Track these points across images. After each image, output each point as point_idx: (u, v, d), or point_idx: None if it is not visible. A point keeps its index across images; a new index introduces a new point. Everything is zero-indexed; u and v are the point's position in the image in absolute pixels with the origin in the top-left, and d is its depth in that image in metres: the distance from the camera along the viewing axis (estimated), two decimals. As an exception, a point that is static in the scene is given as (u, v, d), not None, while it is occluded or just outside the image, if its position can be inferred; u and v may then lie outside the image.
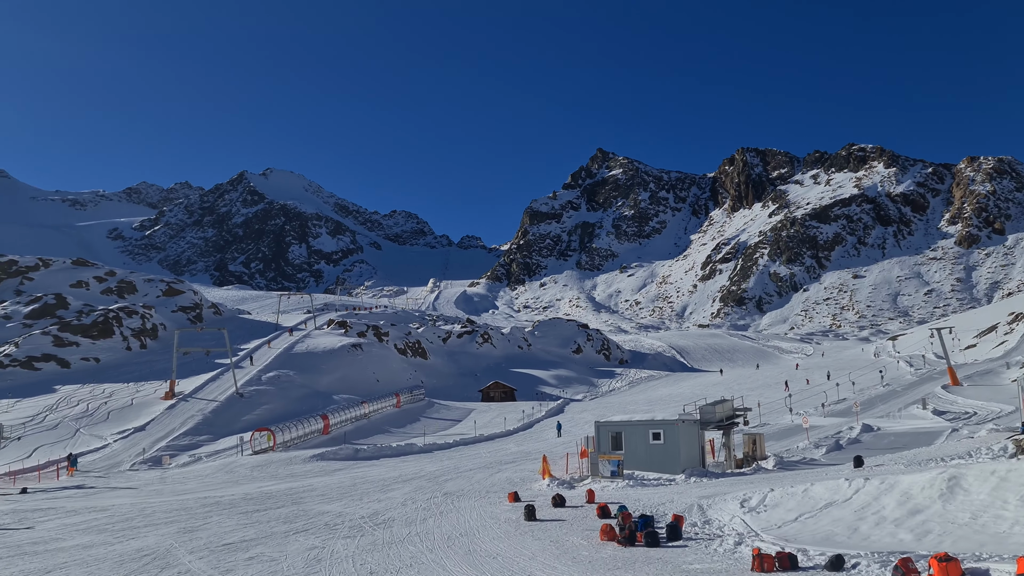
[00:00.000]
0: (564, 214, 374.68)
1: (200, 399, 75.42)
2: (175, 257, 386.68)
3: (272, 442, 59.43)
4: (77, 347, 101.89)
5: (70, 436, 65.75)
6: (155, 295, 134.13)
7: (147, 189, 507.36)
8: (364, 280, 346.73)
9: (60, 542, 24.22)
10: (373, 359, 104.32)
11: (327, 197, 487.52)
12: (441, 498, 29.27)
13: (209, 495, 35.63)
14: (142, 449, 60.36)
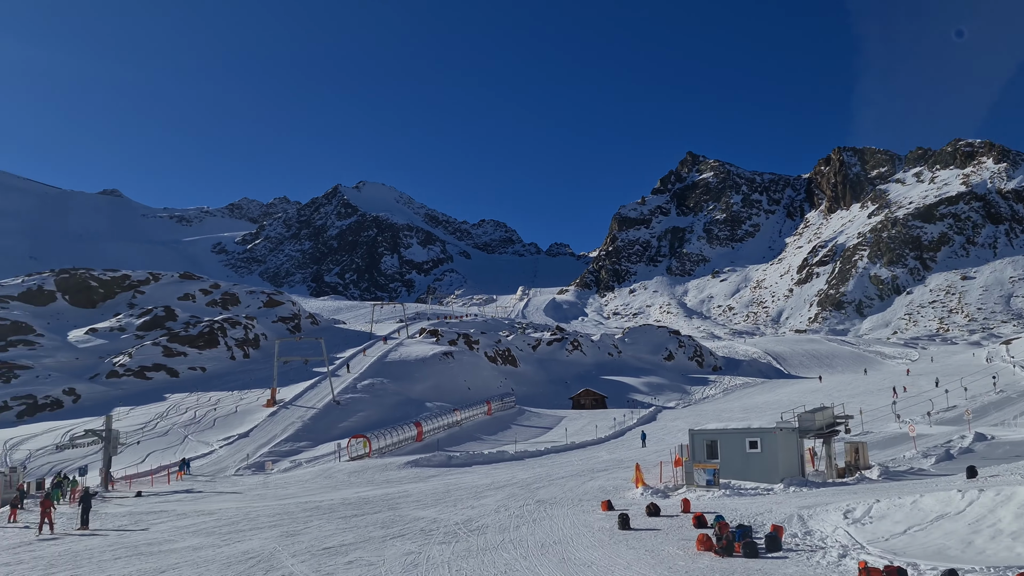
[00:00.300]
0: (653, 219, 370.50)
1: (300, 406, 77.78)
2: (274, 269, 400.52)
3: (368, 448, 60.77)
4: (185, 357, 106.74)
5: (180, 442, 68.84)
6: (256, 306, 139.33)
7: (248, 205, 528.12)
8: (454, 289, 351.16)
9: (172, 543, 25.38)
10: (464, 367, 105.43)
11: (417, 208, 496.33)
12: (534, 505, 29.30)
13: (309, 500, 36.66)
14: (246, 455, 62.64)
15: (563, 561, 18.47)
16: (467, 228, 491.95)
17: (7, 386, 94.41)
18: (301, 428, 70.50)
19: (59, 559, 23.69)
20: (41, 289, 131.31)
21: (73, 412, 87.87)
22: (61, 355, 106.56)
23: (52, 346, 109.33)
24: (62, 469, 58.30)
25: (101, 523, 32.44)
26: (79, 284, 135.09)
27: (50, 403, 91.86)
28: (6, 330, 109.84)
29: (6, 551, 26.51)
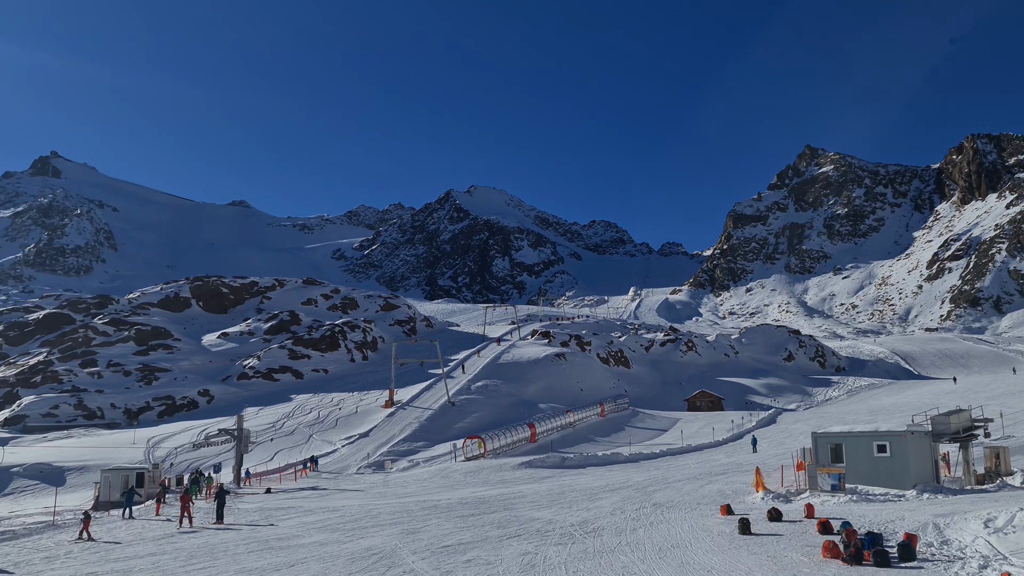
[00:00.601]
0: (770, 216, 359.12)
1: (416, 407, 79.66)
2: (390, 274, 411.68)
3: (483, 449, 61.56)
4: (309, 359, 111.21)
5: (305, 441, 71.76)
6: (374, 310, 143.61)
7: (365, 212, 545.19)
8: (565, 290, 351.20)
9: (299, 539, 26.49)
10: (576, 368, 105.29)
11: (528, 210, 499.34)
12: (650, 508, 28.96)
13: (428, 499, 37.48)
14: (366, 454, 64.67)
15: (682, 565, 18.17)
16: (577, 229, 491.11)
17: (149, 388, 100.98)
18: (418, 428, 72.16)
19: (198, 551, 25.14)
20: (178, 296, 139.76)
21: (207, 412, 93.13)
22: (196, 358, 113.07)
23: (188, 350, 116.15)
24: (199, 466, 61.84)
25: (235, 518, 34.20)
26: (212, 291, 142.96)
27: (187, 404, 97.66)
28: (148, 335, 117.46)
29: (151, 542, 28.36)
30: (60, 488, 57.98)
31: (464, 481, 46.69)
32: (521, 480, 45.34)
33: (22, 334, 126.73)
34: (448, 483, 46.40)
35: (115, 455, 66.89)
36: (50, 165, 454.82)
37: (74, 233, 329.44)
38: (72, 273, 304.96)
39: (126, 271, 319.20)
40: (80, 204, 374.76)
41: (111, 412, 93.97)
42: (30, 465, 64.72)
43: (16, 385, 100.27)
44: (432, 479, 49.18)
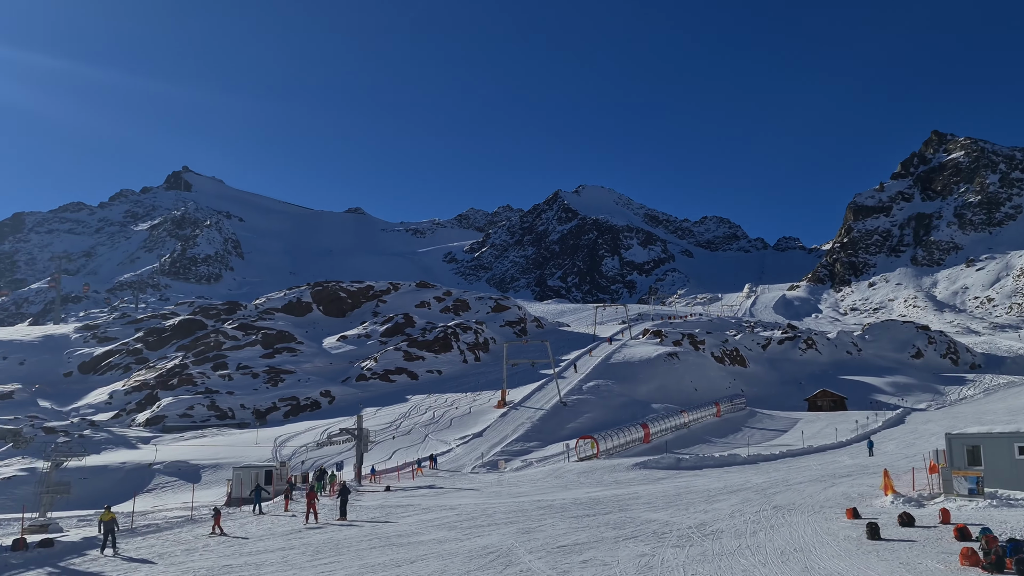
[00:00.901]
0: (894, 206, 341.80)
1: (528, 408, 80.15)
2: (500, 275, 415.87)
3: (596, 449, 61.33)
4: (423, 361, 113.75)
5: (421, 441, 73.44)
6: (485, 312, 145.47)
7: (474, 214, 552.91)
8: (677, 288, 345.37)
9: (419, 536, 27.15)
10: (690, 368, 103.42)
11: (637, 209, 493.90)
12: (771, 511, 28.13)
13: (542, 499, 37.66)
14: (480, 453, 65.58)
15: (806, 570, 17.58)
16: (688, 226, 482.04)
17: (275, 389, 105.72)
18: (531, 429, 72.58)
19: (323, 546, 26.17)
20: (300, 301, 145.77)
21: (329, 412, 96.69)
22: (318, 360, 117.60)
23: (310, 352, 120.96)
24: (322, 464, 64.29)
25: (357, 515, 35.38)
26: (331, 295, 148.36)
27: (310, 404, 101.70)
28: (273, 339, 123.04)
29: (280, 537, 29.72)
30: (196, 484, 61.54)
31: (578, 481, 46.65)
32: (635, 481, 44.92)
33: (160, 339, 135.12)
34: (562, 483, 46.47)
35: (245, 453, 70.42)
36: (182, 180, 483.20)
37: (204, 243, 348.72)
38: (203, 281, 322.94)
39: (252, 278, 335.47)
40: (209, 216, 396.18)
41: (241, 412, 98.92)
42: (169, 463, 68.95)
43: (156, 387, 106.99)
44: (545, 479, 49.37)
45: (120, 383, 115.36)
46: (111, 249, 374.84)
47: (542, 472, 53.85)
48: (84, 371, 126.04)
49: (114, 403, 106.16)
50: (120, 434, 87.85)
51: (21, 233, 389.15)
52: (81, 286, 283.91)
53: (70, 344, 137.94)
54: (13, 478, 64.73)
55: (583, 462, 57.12)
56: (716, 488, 37.91)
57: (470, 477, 55.75)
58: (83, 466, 61.05)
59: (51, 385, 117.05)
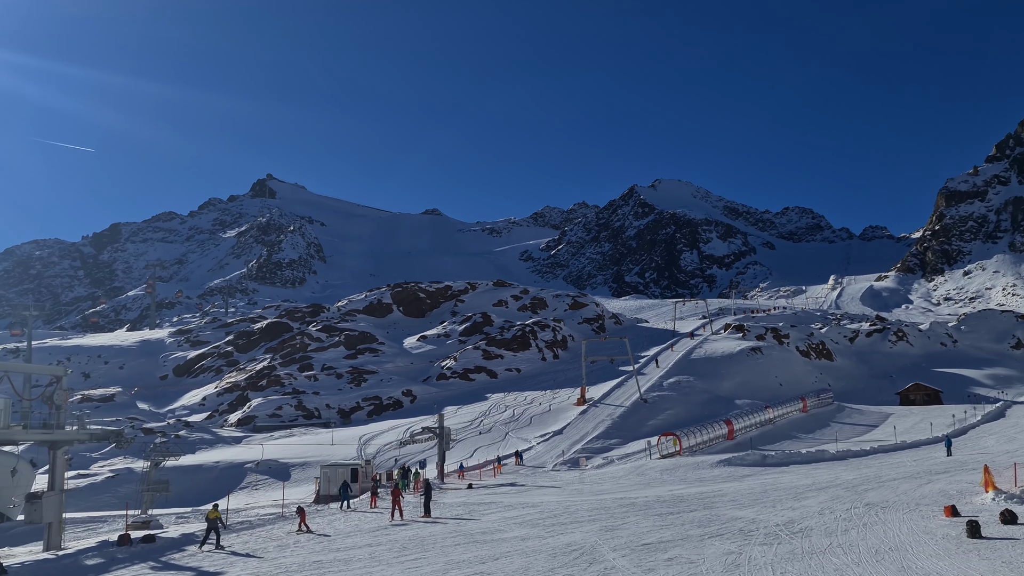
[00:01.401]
0: (989, 191, 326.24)
1: (608, 405, 79.74)
2: (577, 272, 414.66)
3: (678, 447, 60.61)
4: (502, 359, 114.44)
5: (501, 439, 73.90)
6: (562, 309, 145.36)
7: (550, 212, 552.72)
8: (758, 282, 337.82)
9: (502, 533, 27.35)
10: (774, 362, 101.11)
11: (715, 201, 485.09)
12: (863, 509, 27.28)
13: (624, 496, 37.44)
14: (561, 451, 65.59)
15: (903, 570, 16.99)
16: (769, 218, 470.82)
17: (359, 389, 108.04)
18: (611, 426, 72.20)
19: (409, 543, 26.64)
20: (380, 303, 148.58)
21: (411, 411, 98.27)
22: (399, 360, 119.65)
23: (391, 353, 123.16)
24: (405, 462, 65.38)
25: (440, 512, 35.87)
26: (410, 296, 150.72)
27: (392, 403, 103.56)
28: (355, 340, 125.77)
29: (367, 533, 30.39)
30: (286, 482, 63.44)
31: (660, 479, 46.19)
32: (720, 478, 44.20)
33: (249, 342, 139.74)
34: (644, 481, 46.09)
35: (331, 452, 72.23)
36: (267, 187, 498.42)
37: (289, 248, 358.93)
38: (288, 285, 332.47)
39: (334, 281, 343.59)
40: (293, 221, 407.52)
41: (326, 412, 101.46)
42: (260, 461, 71.24)
43: (246, 389, 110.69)
44: (627, 476, 49.05)
45: (212, 385, 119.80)
46: (201, 256, 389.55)
47: (624, 469, 53.52)
48: (179, 374, 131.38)
49: (207, 404, 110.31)
50: (213, 434, 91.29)
51: (118, 243, 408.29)
52: (174, 292, 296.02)
53: (165, 348, 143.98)
54: (116, 477, 68.01)
55: (665, 459, 56.52)
56: (804, 485, 36.98)
57: (551, 475, 55.81)
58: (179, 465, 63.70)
59: (149, 388, 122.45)
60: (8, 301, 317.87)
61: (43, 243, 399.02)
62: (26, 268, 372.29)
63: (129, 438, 40.09)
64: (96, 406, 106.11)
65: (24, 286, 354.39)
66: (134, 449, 68.88)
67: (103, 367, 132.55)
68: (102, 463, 74.98)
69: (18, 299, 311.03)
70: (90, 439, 36.90)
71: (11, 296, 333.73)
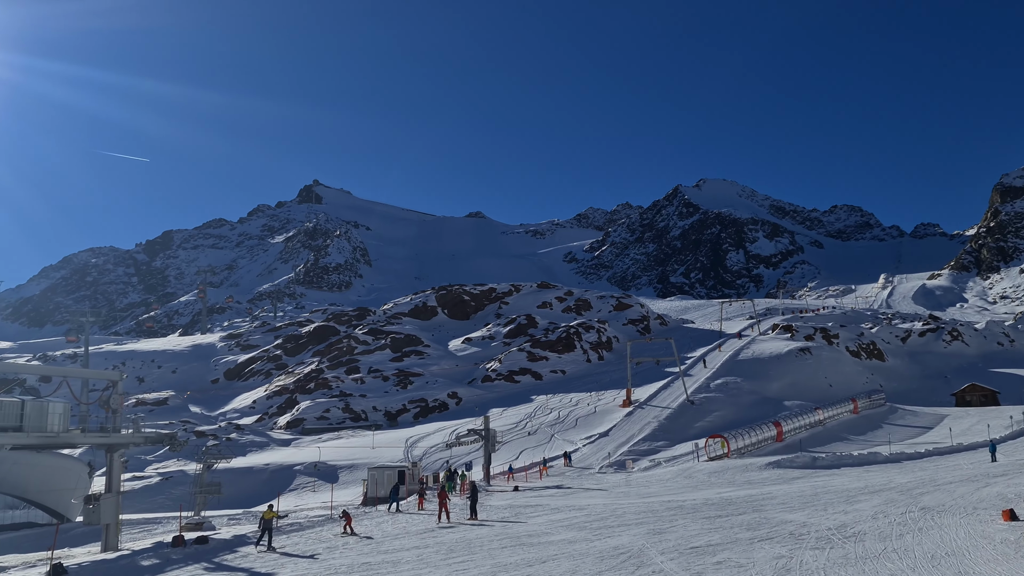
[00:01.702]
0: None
1: (654, 406, 79.17)
2: (621, 273, 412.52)
3: (726, 449, 59.93)
4: (546, 361, 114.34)
5: (547, 441, 73.85)
6: (607, 310, 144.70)
7: (593, 214, 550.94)
8: (806, 281, 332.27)
9: (548, 536, 27.34)
10: (823, 363, 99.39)
11: (761, 200, 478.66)
12: (918, 513, 26.67)
13: (672, 499, 37.15)
14: (607, 453, 65.31)
15: (960, 575, 16.60)
16: (817, 216, 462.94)
17: (405, 391, 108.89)
18: (657, 428, 71.68)
19: (456, 545, 26.78)
20: (425, 305, 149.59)
21: (456, 413, 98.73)
22: (444, 363, 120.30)
23: (437, 355, 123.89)
24: (451, 464, 65.71)
25: (487, 514, 35.98)
26: (455, 299, 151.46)
27: (438, 405, 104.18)
28: (401, 342, 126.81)
29: (415, 535, 30.63)
30: (334, 484, 64.22)
31: (708, 481, 45.73)
32: (769, 481, 43.60)
33: (297, 346, 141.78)
34: (692, 483, 45.67)
35: (378, 454, 72.91)
36: (313, 193, 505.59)
37: (335, 252, 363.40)
38: (335, 289, 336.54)
39: (380, 284, 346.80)
40: (339, 226, 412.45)
41: (373, 414, 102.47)
42: (309, 464, 72.26)
43: (295, 392, 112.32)
44: (675, 479, 48.66)
45: (262, 388, 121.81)
46: (251, 261, 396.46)
47: (671, 472, 53.11)
48: (229, 377, 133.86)
49: (257, 407, 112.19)
50: (263, 437, 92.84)
51: (170, 250, 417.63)
52: (225, 298, 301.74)
53: (216, 352, 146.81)
54: (170, 479, 69.59)
55: (713, 462, 55.94)
56: (856, 488, 36.29)
57: (597, 477, 55.62)
58: (231, 468, 64.91)
59: (200, 391, 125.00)
60: (66, 308, 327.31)
61: (99, 251, 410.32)
62: (83, 275, 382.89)
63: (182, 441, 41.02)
64: (150, 410, 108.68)
65: (81, 293, 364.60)
66: (187, 452, 70.37)
67: (156, 371, 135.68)
68: (156, 465, 76.76)
69: (75, 306, 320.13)
70: (145, 442, 37.85)
71: (69, 303, 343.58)
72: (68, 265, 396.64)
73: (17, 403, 40.03)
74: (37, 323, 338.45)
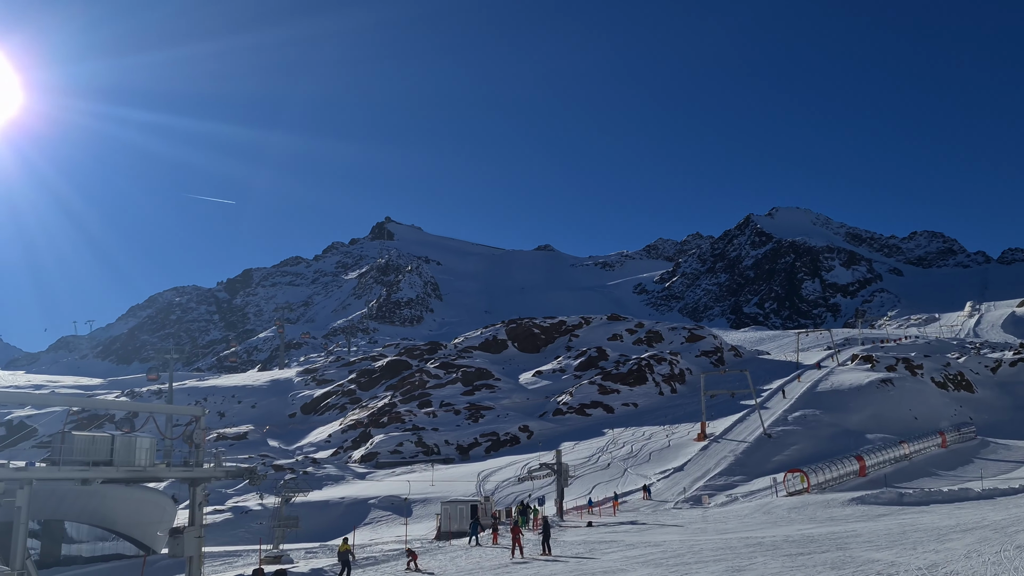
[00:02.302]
0: None
1: (730, 440, 77.50)
2: (692, 304, 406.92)
3: (806, 484, 58.22)
4: (618, 394, 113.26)
5: (620, 475, 72.93)
6: (679, 342, 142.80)
7: (663, 244, 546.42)
8: (886, 310, 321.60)
9: (624, 572, 26.97)
10: (907, 394, 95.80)
11: (837, 228, 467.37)
12: (1013, 552, 25.39)
13: (750, 535, 36.23)
14: (682, 488, 64.12)
15: (1060, 620, 15.74)
16: (896, 243, 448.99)
17: (476, 425, 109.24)
18: (734, 462, 70.09)
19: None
20: (496, 339, 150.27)
21: (527, 447, 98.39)
22: (515, 396, 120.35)
23: (507, 388, 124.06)
24: (523, 499, 65.45)
25: (561, 550, 35.71)
26: (524, 332, 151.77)
27: (509, 439, 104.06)
28: (472, 376, 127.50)
29: (489, 571, 30.60)
30: (408, 518, 64.64)
31: (788, 517, 44.45)
32: (852, 517, 42.13)
33: (370, 380, 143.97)
34: (771, 519, 44.46)
35: (451, 488, 73.14)
36: (385, 230, 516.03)
37: (407, 288, 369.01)
38: (407, 323, 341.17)
39: (451, 318, 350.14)
40: (410, 261, 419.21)
41: (445, 448, 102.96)
42: (383, 497, 72.93)
43: (368, 425, 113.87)
44: (753, 515, 47.44)
45: (337, 422, 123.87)
46: (325, 298, 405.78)
47: (748, 508, 51.80)
48: (306, 412, 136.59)
49: (332, 441, 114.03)
50: (340, 470, 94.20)
51: (250, 287, 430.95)
52: (301, 333, 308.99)
53: (293, 387, 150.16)
54: (250, 512, 71.12)
55: (792, 497, 54.36)
56: (947, 526, 34.77)
57: (673, 512, 54.62)
58: (308, 501, 66.03)
59: (279, 426, 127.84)
60: (152, 345, 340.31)
61: (182, 290, 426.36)
62: (167, 314, 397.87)
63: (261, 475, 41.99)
64: (230, 444, 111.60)
65: (165, 331, 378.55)
66: (265, 485, 71.87)
67: (237, 406, 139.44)
68: (236, 499, 78.61)
69: (160, 343, 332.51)
70: (226, 476, 38.83)
71: (154, 340, 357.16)
72: (153, 304, 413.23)
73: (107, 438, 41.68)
74: (125, 360, 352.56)
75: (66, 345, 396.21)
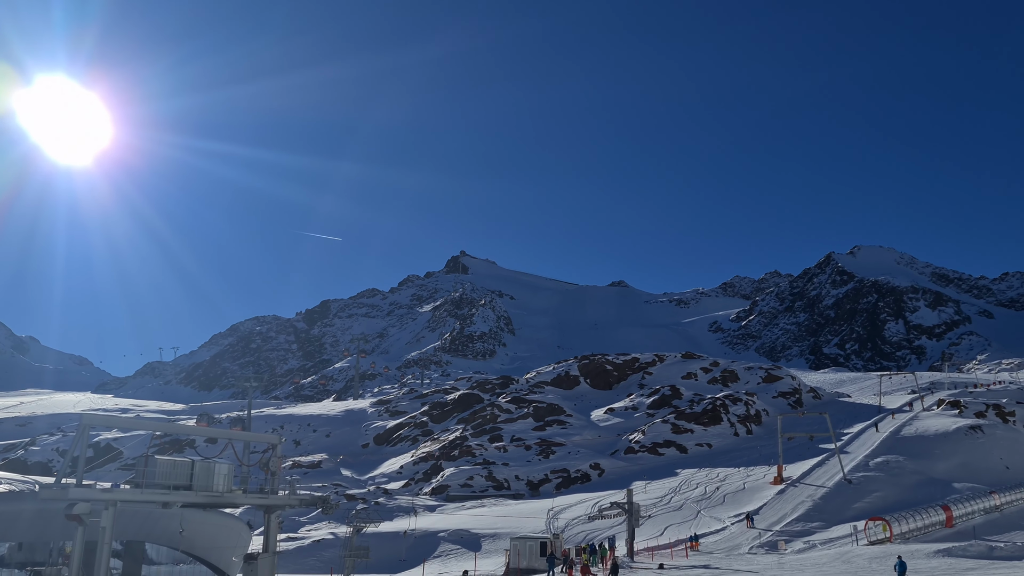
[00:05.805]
0: None
1: (808, 484, 75.23)
2: (770, 344, 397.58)
3: (888, 533, 56.05)
4: (691, 434, 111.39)
5: (693, 517, 71.50)
6: (755, 382, 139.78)
7: (740, 282, 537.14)
8: (975, 354, 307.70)
9: (694, 615, 26.54)
10: (998, 442, 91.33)
11: (922, 268, 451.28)
12: (1111, 614, 24.04)
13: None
14: (758, 533, 62.46)
15: None
16: (985, 284, 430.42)
17: (547, 461, 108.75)
18: (812, 508, 67.99)
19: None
20: (568, 375, 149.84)
21: (598, 485, 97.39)
22: (586, 433, 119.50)
23: (579, 425, 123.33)
24: (593, 538, 64.78)
25: (630, 590, 35.27)
26: (597, 368, 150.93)
27: (580, 476, 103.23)
28: (543, 411, 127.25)
29: (556, 607, 30.44)
30: (477, 553, 64.69)
31: (869, 567, 42.90)
32: (939, 570, 40.41)
33: (443, 412, 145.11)
34: (851, 568, 42.99)
35: (520, 524, 72.92)
36: (460, 263, 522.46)
37: (480, 321, 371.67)
38: (479, 357, 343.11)
39: (523, 353, 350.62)
40: (484, 295, 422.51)
41: (515, 483, 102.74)
42: (453, 531, 73.21)
43: (440, 458, 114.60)
44: (832, 563, 45.93)
45: (409, 454, 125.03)
46: (400, 330, 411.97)
47: (827, 555, 50.15)
48: (379, 442, 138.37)
49: (404, 473, 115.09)
50: (413, 502, 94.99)
51: (327, 318, 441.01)
52: (380, 365, 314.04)
53: (367, 418, 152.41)
54: (322, 541, 72.28)
55: (874, 546, 52.39)
56: (1039, 583, 33.06)
57: (747, 558, 53.26)
58: (378, 532, 66.78)
59: (352, 456, 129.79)
60: (233, 373, 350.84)
61: (263, 319, 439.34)
62: (248, 342, 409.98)
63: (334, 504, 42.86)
64: (305, 472, 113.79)
65: (246, 359, 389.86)
66: (337, 515, 73.09)
67: (312, 435, 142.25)
68: (309, 527, 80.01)
69: (240, 371, 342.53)
70: (300, 504, 39.88)
71: (235, 368, 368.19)
72: (235, 333, 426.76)
73: (188, 463, 43.24)
74: (206, 387, 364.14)
75: (152, 370, 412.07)
